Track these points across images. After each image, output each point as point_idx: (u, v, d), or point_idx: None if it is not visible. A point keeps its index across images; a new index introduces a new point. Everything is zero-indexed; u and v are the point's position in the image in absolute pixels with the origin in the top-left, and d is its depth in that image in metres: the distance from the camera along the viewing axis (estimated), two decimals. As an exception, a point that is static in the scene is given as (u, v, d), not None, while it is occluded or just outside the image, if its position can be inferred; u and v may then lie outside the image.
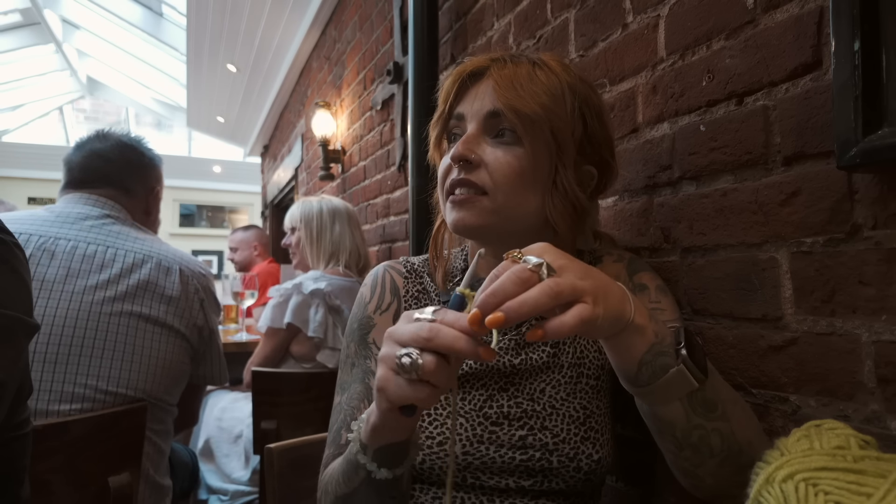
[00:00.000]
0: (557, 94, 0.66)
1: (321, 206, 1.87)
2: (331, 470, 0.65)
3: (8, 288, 0.65)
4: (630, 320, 0.49)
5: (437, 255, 0.77)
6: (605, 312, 0.45)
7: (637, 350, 0.50)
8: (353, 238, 1.86)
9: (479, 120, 0.67)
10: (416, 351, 0.44)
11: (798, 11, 0.62)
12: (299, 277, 1.74)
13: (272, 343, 1.71)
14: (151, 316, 1.14)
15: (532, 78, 0.66)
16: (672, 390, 0.51)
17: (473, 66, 0.69)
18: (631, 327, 0.49)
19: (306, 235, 1.85)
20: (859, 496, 0.36)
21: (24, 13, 6.79)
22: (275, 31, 3.55)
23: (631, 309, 0.49)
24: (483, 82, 0.68)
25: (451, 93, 0.69)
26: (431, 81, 1.53)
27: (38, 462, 0.90)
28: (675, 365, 0.50)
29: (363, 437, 0.54)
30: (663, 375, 0.51)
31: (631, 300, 0.50)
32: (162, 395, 1.16)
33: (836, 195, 0.58)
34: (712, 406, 0.52)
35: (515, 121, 0.64)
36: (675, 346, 0.51)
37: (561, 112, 0.66)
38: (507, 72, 0.66)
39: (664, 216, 0.81)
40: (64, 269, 1.08)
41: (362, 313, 0.76)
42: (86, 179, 1.23)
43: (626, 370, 0.52)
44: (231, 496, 1.70)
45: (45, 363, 1.02)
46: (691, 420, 0.52)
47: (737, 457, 0.53)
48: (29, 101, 9.37)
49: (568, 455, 0.65)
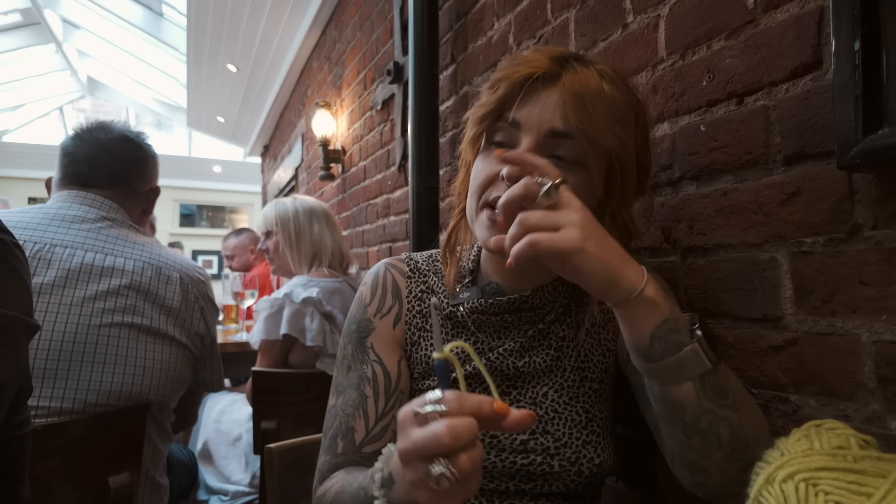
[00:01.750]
0: (626, 121, 0.62)
1: (296, 206, 1.80)
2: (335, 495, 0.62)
3: (8, 288, 0.65)
4: (640, 289, 0.50)
5: (451, 251, 0.74)
6: (597, 253, 0.49)
7: (648, 322, 0.51)
8: (332, 237, 1.80)
9: (539, 134, 0.61)
10: (445, 462, 0.41)
11: (798, 11, 0.62)
12: (287, 286, 1.69)
13: (271, 356, 1.66)
14: (152, 327, 1.11)
15: (602, 96, 0.61)
16: (685, 369, 0.51)
17: (543, 69, 0.61)
18: (641, 298, 0.51)
19: (285, 239, 1.78)
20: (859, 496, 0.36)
21: (25, 13, 6.79)
22: (275, 31, 3.55)
23: (641, 280, 0.51)
24: (550, 91, 0.61)
25: (516, 95, 0.62)
26: (432, 81, 1.53)
27: (38, 462, 0.90)
28: (689, 343, 0.51)
29: (392, 499, 0.51)
30: (676, 353, 0.51)
31: (645, 276, 0.51)
32: (162, 400, 1.15)
33: (836, 195, 0.58)
34: (723, 392, 0.52)
35: (586, 147, 0.60)
36: (691, 327, 0.52)
37: (630, 143, 0.62)
38: (578, 85, 0.60)
39: (664, 216, 0.81)
40: (61, 279, 1.04)
41: (361, 315, 0.74)
42: (92, 176, 1.18)
43: (638, 343, 0.53)
44: (231, 496, 1.70)
45: (45, 378, 0.99)
46: (702, 404, 0.52)
47: (744, 451, 0.52)
48: (29, 101, 9.37)
49: (569, 459, 0.65)
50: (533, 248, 0.49)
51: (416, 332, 0.73)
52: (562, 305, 0.71)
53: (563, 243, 0.49)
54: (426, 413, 0.43)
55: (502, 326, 0.70)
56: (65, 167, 1.20)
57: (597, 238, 0.50)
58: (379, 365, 0.71)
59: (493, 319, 0.70)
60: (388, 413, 0.69)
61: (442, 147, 1.58)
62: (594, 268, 0.50)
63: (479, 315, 0.70)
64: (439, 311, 0.43)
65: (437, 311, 0.43)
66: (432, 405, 0.43)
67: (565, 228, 0.50)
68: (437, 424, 0.42)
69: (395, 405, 0.69)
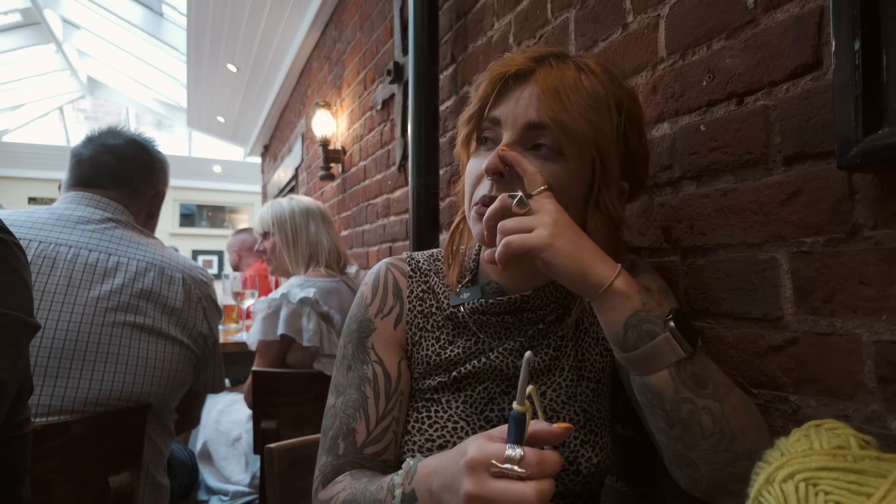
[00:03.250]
0: (603, 109, 0.62)
1: (293, 206, 1.80)
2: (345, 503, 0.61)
3: (8, 287, 0.65)
4: (610, 282, 0.54)
5: (454, 251, 0.74)
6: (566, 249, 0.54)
7: (621, 313, 0.55)
8: (329, 237, 1.80)
9: (517, 129, 0.63)
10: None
11: (798, 11, 0.62)
12: (284, 286, 1.69)
13: (268, 357, 1.65)
14: (154, 327, 1.12)
15: (578, 87, 0.61)
16: (659, 357, 0.53)
17: (517, 67, 0.64)
18: (612, 290, 0.55)
19: (281, 240, 1.78)
20: (859, 496, 0.36)
21: (25, 13, 6.79)
22: (275, 31, 3.55)
23: (612, 274, 0.55)
24: (525, 86, 0.63)
25: (491, 94, 0.65)
26: (432, 81, 1.53)
27: (38, 462, 0.90)
28: (661, 333, 0.54)
29: None
30: (650, 341, 0.54)
31: (618, 269, 0.56)
32: (164, 400, 1.16)
33: (836, 195, 0.58)
34: (702, 382, 0.54)
35: (561, 137, 0.61)
36: (664, 318, 0.54)
37: (608, 130, 0.62)
38: (553, 79, 0.62)
39: (664, 216, 0.81)
40: (65, 279, 1.05)
41: (362, 315, 0.74)
42: (96, 176, 1.20)
43: (613, 333, 0.56)
44: (231, 496, 1.70)
45: (46, 377, 0.99)
46: (679, 392, 0.54)
47: (730, 442, 0.53)
48: (29, 101, 9.38)
49: (567, 458, 0.65)
50: (508, 248, 0.55)
51: (418, 332, 0.73)
52: (561, 306, 0.71)
53: (532, 241, 0.54)
54: (503, 469, 0.43)
55: (503, 326, 0.70)
56: (72, 168, 1.22)
57: (566, 235, 0.55)
58: (379, 366, 0.71)
59: (493, 320, 0.70)
60: (388, 414, 0.69)
61: (442, 147, 1.58)
62: (564, 262, 0.54)
63: (479, 315, 0.70)
64: (528, 362, 0.44)
65: (528, 365, 0.45)
66: (510, 464, 0.43)
67: (537, 229, 0.55)
68: (526, 487, 0.42)
69: (394, 406, 0.69)
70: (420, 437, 0.67)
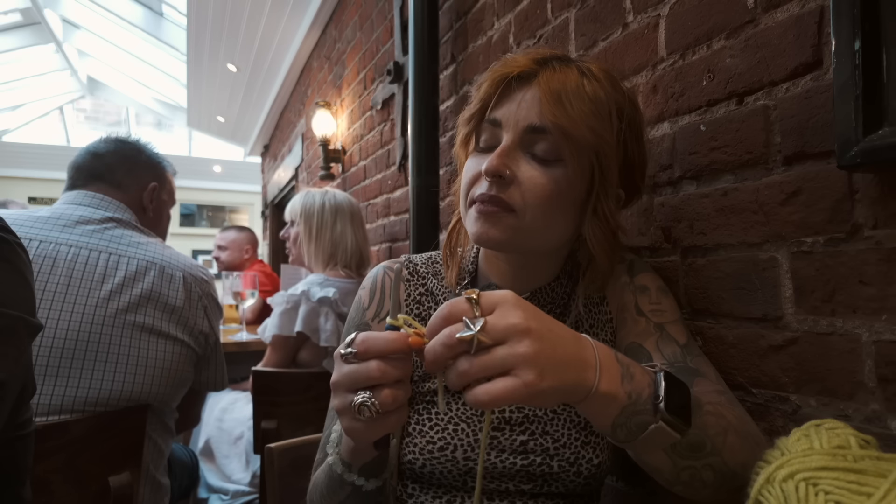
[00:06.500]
0: (605, 116, 0.62)
1: (324, 200, 1.78)
2: (315, 481, 0.66)
3: (10, 287, 0.65)
4: (594, 388, 0.45)
5: (452, 252, 0.74)
6: (554, 384, 0.42)
7: (608, 415, 0.47)
8: (354, 237, 1.78)
9: (517, 131, 0.62)
10: (368, 393, 0.46)
11: (798, 11, 0.62)
12: (303, 283, 1.69)
13: (282, 352, 1.65)
14: (154, 326, 1.12)
15: (580, 92, 0.61)
16: (653, 443, 0.49)
17: (520, 68, 0.63)
18: (597, 395, 0.45)
19: (305, 232, 1.76)
20: (859, 496, 0.36)
21: (25, 13, 6.80)
22: (275, 30, 3.55)
23: (595, 377, 0.45)
24: (527, 89, 0.62)
25: (493, 95, 0.64)
26: (432, 81, 1.53)
27: (39, 462, 0.90)
28: (653, 422, 0.47)
29: (345, 457, 0.57)
30: (641, 434, 0.48)
31: (598, 367, 0.45)
32: (164, 400, 1.16)
33: (836, 195, 0.58)
34: (699, 447, 0.50)
35: (561, 141, 0.60)
36: (654, 402, 0.47)
37: (608, 137, 0.61)
38: (556, 83, 0.60)
39: (664, 216, 0.81)
40: (65, 279, 1.05)
41: (360, 319, 0.74)
42: (77, 177, 1.23)
43: (602, 430, 0.50)
44: (231, 495, 1.70)
45: (46, 376, 1.00)
46: (678, 464, 0.50)
47: (731, 481, 0.52)
48: (29, 101, 9.39)
49: (568, 460, 0.65)
50: (493, 403, 0.41)
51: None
52: (560, 306, 0.71)
53: (518, 393, 0.41)
54: (345, 352, 0.47)
55: None
56: (67, 171, 1.26)
57: (550, 359, 0.42)
58: None
59: None
60: None
61: (442, 147, 1.58)
62: (553, 394, 0.43)
63: None
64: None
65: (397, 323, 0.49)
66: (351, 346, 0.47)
67: (516, 370, 0.41)
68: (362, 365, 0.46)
69: None
70: (421, 438, 0.67)
